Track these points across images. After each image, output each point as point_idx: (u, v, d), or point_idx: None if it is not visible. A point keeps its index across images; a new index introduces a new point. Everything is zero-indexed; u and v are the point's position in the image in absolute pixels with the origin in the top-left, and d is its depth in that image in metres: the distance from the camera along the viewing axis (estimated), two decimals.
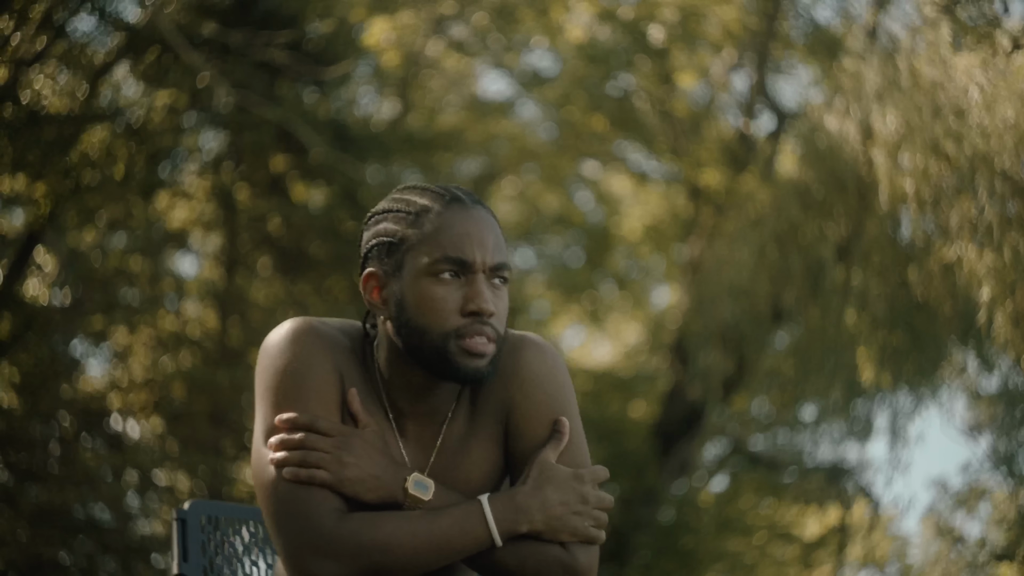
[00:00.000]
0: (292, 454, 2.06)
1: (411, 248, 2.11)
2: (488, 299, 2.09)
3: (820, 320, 8.20)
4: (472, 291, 2.09)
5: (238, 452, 9.64)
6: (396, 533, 2.03)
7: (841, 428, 9.08)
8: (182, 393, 9.43)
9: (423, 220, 2.12)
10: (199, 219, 9.82)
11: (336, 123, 9.76)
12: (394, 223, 2.15)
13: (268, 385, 2.12)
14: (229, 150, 9.65)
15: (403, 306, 2.11)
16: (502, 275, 2.12)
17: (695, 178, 11.61)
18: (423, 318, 2.09)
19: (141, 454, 9.04)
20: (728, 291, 8.80)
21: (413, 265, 2.11)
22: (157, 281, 9.64)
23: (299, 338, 2.13)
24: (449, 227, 2.10)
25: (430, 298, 2.09)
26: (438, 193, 2.15)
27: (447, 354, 2.08)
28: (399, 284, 2.12)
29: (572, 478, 2.10)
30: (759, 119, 11.56)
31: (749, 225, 9.10)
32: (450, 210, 2.12)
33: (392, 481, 2.08)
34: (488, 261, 2.11)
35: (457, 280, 2.10)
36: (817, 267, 8.07)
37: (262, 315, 9.94)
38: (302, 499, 2.04)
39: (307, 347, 2.13)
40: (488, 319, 2.09)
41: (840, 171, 7.75)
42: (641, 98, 11.60)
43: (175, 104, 8.87)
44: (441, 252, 2.09)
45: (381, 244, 2.16)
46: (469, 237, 2.10)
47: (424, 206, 2.13)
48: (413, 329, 2.09)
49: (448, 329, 2.08)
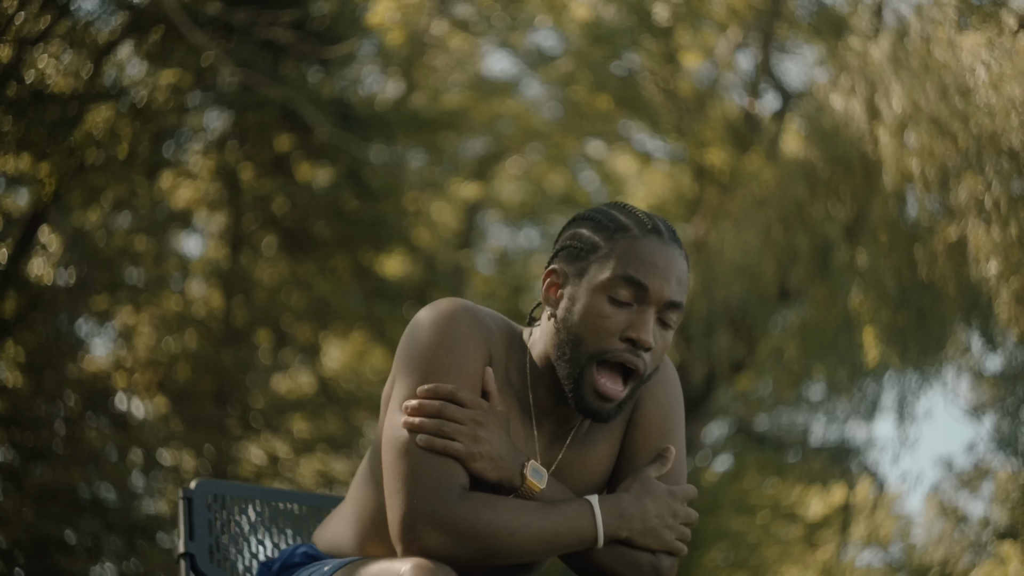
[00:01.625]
0: (429, 421, 2.07)
1: (599, 259, 2.13)
2: (651, 331, 2.11)
3: (826, 299, 8.20)
4: (639, 320, 2.11)
5: (243, 431, 9.65)
6: (512, 521, 2.05)
7: (846, 407, 9.08)
8: (187, 373, 9.44)
9: (619, 237, 2.14)
10: (203, 199, 9.81)
11: (340, 102, 9.74)
12: (591, 231, 2.17)
13: (417, 355, 2.12)
14: (233, 130, 9.63)
15: (572, 311, 2.13)
16: (672, 318, 2.15)
17: (700, 158, 11.58)
18: (584, 329, 2.11)
19: (146, 433, 9.05)
20: (733, 271, 8.79)
21: (595, 275, 2.13)
22: (162, 261, 9.64)
23: (456, 316, 2.15)
24: (640, 251, 2.13)
25: (598, 313, 2.11)
26: (641, 220, 2.17)
27: (580, 377, 2.11)
28: (576, 288, 2.14)
29: (668, 494, 2.17)
30: (764, 98, 11.53)
31: (754, 205, 9.08)
32: (647, 238, 2.14)
33: (513, 464, 2.11)
34: (665, 296, 2.12)
35: (629, 307, 2.11)
36: (823, 247, 8.06)
37: (267, 295, 9.94)
38: (432, 469, 2.06)
39: (463, 326, 2.14)
40: (643, 351, 2.11)
41: (846, 151, 7.74)
42: (646, 77, 11.56)
43: (179, 83, 8.85)
44: (623, 270, 2.11)
45: (573, 247, 2.18)
46: (655, 267, 2.12)
47: (624, 225, 2.15)
48: (572, 336, 2.12)
49: (600, 346, 2.10)
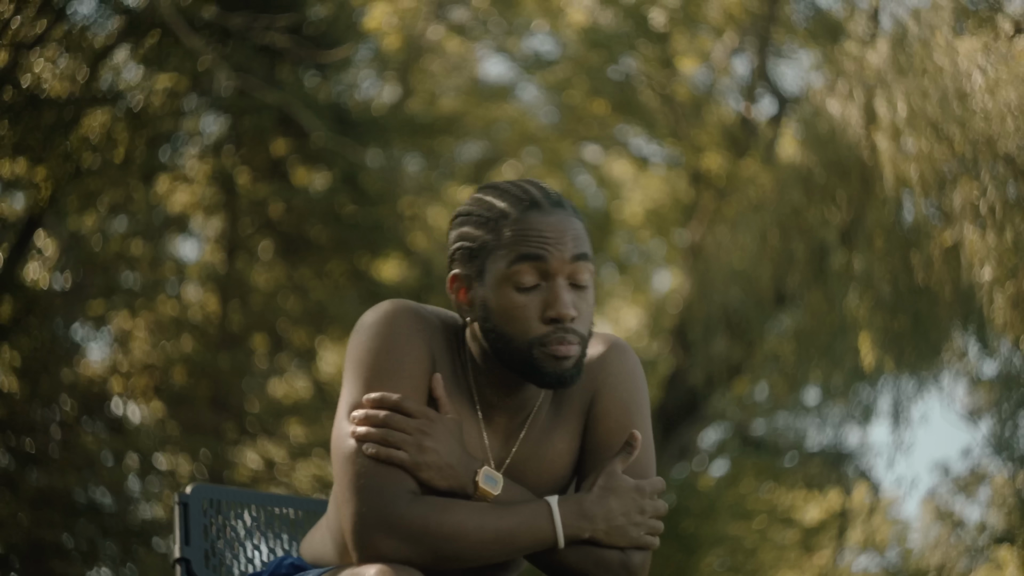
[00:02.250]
0: (374, 431, 2.07)
1: (490, 253, 2.13)
2: (568, 303, 2.11)
3: (822, 304, 8.19)
4: (552, 296, 2.11)
5: (239, 436, 9.64)
6: (465, 522, 2.05)
7: (842, 412, 9.07)
8: (183, 377, 9.42)
9: (501, 225, 2.13)
10: (200, 203, 9.81)
11: (337, 107, 9.74)
12: (475, 227, 2.16)
13: (360, 361, 2.13)
14: (230, 134, 9.62)
15: (487, 313, 2.13)
16: (583, 277, 2.14)
17: (696, 162, 11.58)
18: (507, 326, 2.11)
19: (142, 438, 9.04)
20: (729, 275, 8.79)
21: (493, 272, 2.12)
22: (158, 265, 9.63)
23: (397, 319, 2.14)
24: (525, 231, 2.12)
25: (511, 306, 2.10)
26: (517, 197, 2.15)
27: (532, 360, 2.10)
28: (482, 290, 2.14)
29: (634, 490, 2.14)
30: (760, 103, 11.53)
31: (750, 209, 9.08)
32: (527, 214, 2.13)
33: (464, 472, 2.10)
34: (565, 258, 2.11)
35: (537, 288, 2.11)
36: (819, 251, 8.06)
37: (263, 299, 9.93)
38: (379, 476, 2.05)
39: (404, 328, 2.14)
40: (570, 324, 2.11)
41: (842, 155, 7.74)
42: (642, 82, 11.56)
43: (175, 88, 8.85)
44: (516, 254, 2.10)
45: (464, 249, 2.17)
46: (545, 239, 2.11)
47: (502, 210, 2.14)
48: (499, 335, 2.12)
49: (531, 337, 2.10)
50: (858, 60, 7.78)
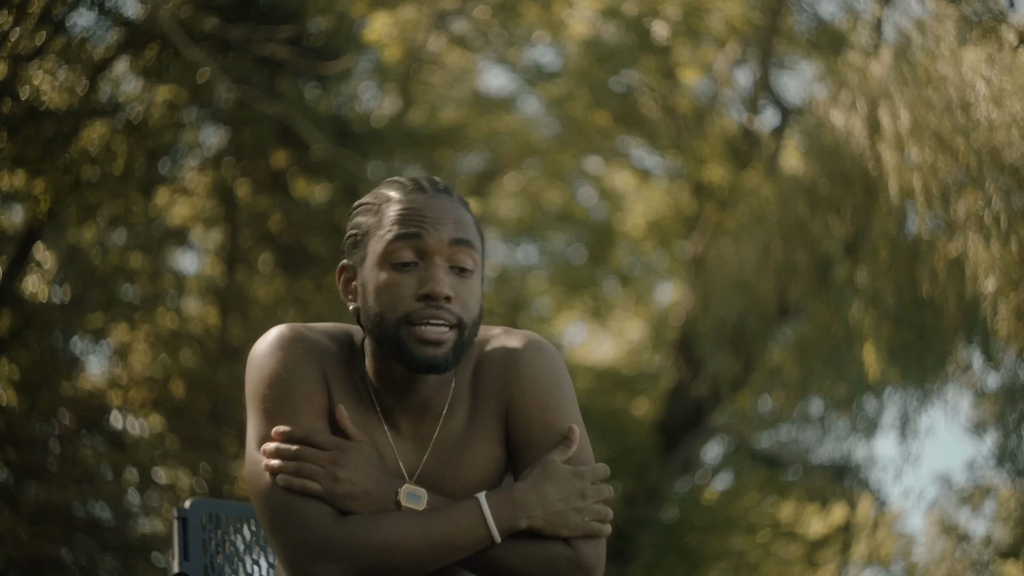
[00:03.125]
0: (287, 464, 2.06)
1: (372, 236, 2.13)
2: (443, 282, 2.08)
3: (825, 316, 8.18)
4: (426, 275, 2.09)
5: (239, 450, 9.61)
6: (393, 532, 2.02)
7: (846, 425, 9.05)
8: (182, 391, 9.41)
9: (384, 208, 2.13)
10: (199, 215, 9.80)
11: (337, 119, 9.74)
12: (362, 215, 2.17)
13: (256, 393, 2.13)
14: (229, 146, 9.62)
15: (366, 294, 2.12)
16: (465, 261, 2.11)
17: (698, 174, 11.58)
18: (380, 303, 2.09)
19: (141, 452, 9.02)
20: (732, 288, 8.78)
21: (373, 251, 2.12)
22: (157, 278, 9.62)
23: (284, 345, 2.13)
24: (405, 212, 2.11)
25: (386, 283, 2.09)
26: (404, 184, 2.16)
27: (400, 341, 2.07)
28: (364, 273, 2.13)
29: (571, 475, 2.08)
30: (763, 114, 11.53)
31: (753, 221, 9.08)
32: (410, 196, 2.13)
33: (385, 496, 2.08)
34: (444, 239, 2.10)
35: (415, 267, 2.09)
36: (823, 263, 8.06)
37: (263, 312, 9.92)
38: (296, 505, 2.04)
39: (292, 354, 2.12)
40: (443, 303, 2.07)
41: (845, 166, 7.73)
42: (644, 93, 11.57)
43: (175, 100, 8.85)
44: (394, 232, 2.09)
45: (351, 236, 2.17)
46: (424, 218, 2.10)
47: (387, 196, 2.14)
48: (373, 316, 2.10)
49: (401, 313, 2.07)
50: (861, 71, 7.78)
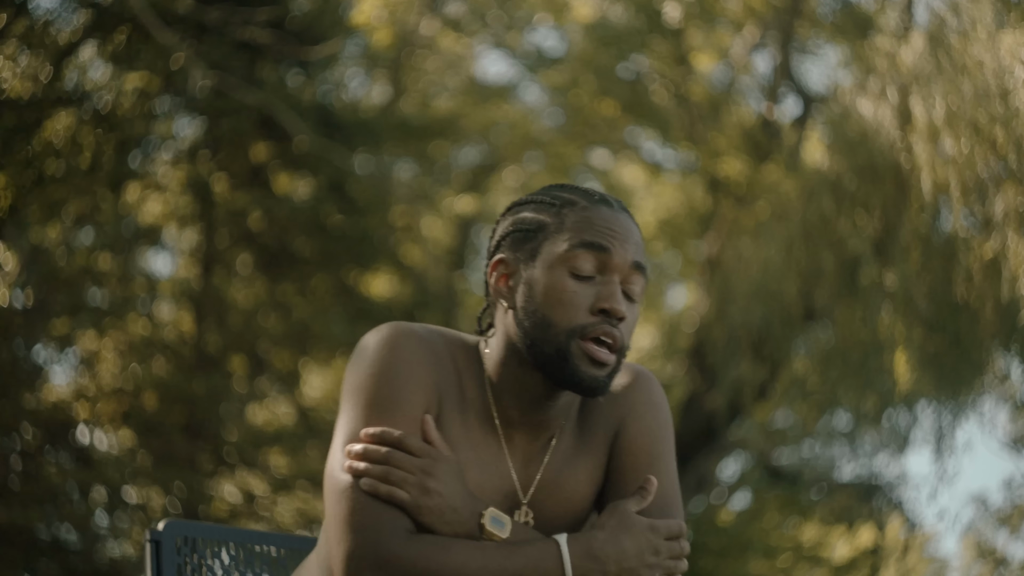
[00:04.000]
0: (375, 467, 2.08)
1: (549, 236, 2.17)
2: (621, 300, 2.15)
3: (853, 322, 8.19)
4: (606, 290, 2.15)
5: (216, 467, 9.61)
6: (468, 563, 2.05)
7: (875, 440, 9.06)
8: (155, 403, 9.40)
9: (567, 211, 2.18)
10: (173, 213, 9.80)
11: (322, 108, 9.74)
12: (535, 212, 2.20)
13: (359, 388, 2.14)
14: (206, 138, 9.62)
15: (532, 295, 2.16)
16: (636, 288, 2.18)
17: (714, 168, 11.58)
18: (551, 309, 2.14)
19: (110, 469, 9.01)
20: (752, 292, 8.79)
21: (550, 252, 2.16)
22: (127, 281, 9.62)
23: (396, 342, 2.16)
24: (593, 220, 2.17)
25: (562, 289, 2.14)
26: (586, 192, 2.21)
27: (568, 354, 2.13)
28: (531, 271, 2.17)
29: (648, 528, 2.14)
30: (784, 103, 11.54)
31: (774, 219, 9.08)
32: (597, 207, 2.18)
33: (470, 516, 2.11)
34: (628, 259, 2.16)
35: (593, 280, 2.15)
36: (850, 264, 8.06)
37: (242, 318, 9.92)
38: (373, 511, 2.06)
39: (407, 354, 2.15)
40: (618, 322, 2.14)
41: (874, 159, 7.74)
42: (654, 81, 11.58)
43: (147, 88, 8.85)
44: (580, 238, 2.14)
45: (518, 231, 2.21)
46: (613, 232, 2.16)
47: (569, 199, 2.19)
48: (538, 321, 2.14)
49: (575, 325, 2.13)
50: (890, 56, 7.78)
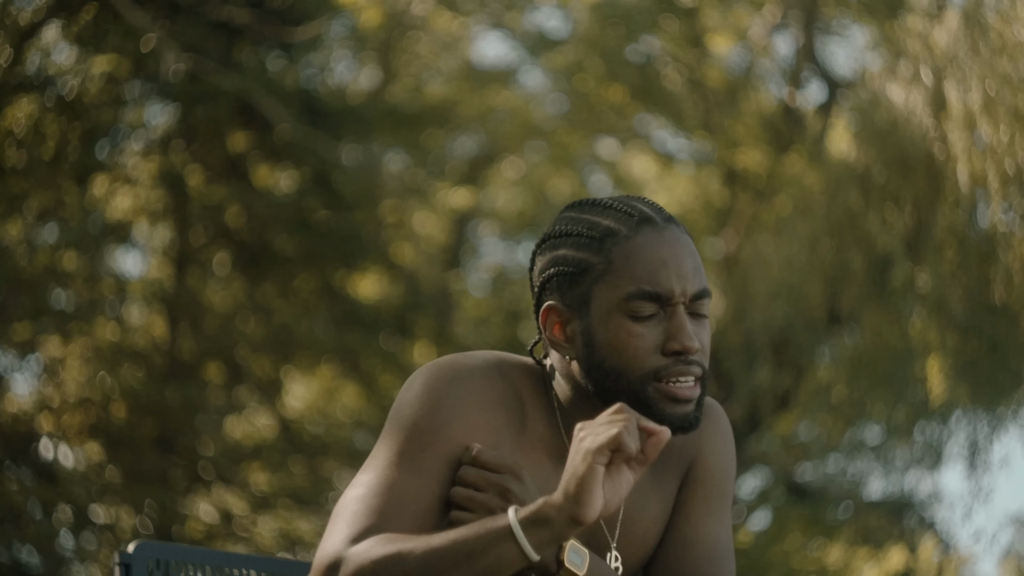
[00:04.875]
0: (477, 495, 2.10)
1: (598, 279, 2.12)
2: (692, 335, 2.11)
3: (882, 326, 8.19)
4: (673, 326, 2.11)
5: (191, 484, 9.61)
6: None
7: (906, 454, 9.06)
8: (124, 414, 9.40)
9: (610, 247, 2.13)
10: (144, 208, 9.80)
11: (306, 94, 9.74)
12: (575, 249, 2.15)
13: (403, 415, 2.14)
14: (179, 126, 9.62)
15: (593, 346, 2.13)
16: (703, 307, 2.15)
17: (731, 159, 11.59)
18: (618, 359, 2.11)
19: (76, 486, 9.01)
20: (772, 293, 8.79)
21: (603, 300, 2.12)
22: (95, 282, 9.62)
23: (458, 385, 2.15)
24: (641, 254, 2.12)
25: (626, 336, 2.11)
26: (624, 212, 2.15)
27: (648, 400, 2.10)
28: (587, 321, 2.14)
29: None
30: (807, 89, 11.54)
31: (796, 214, 9.08)
32: (640, 233, 2.13)
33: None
34: (688, 291, 2.12)
35: (655, 318, 2.12)
36: (879, 263, 8.06)
37: (219, 322, 9.92)
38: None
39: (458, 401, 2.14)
40: (693, 357, 2.11)
41: (905, 149, 7.74)
42: (667, 64, 11.58)
43: (115, 72, 8.85)
44: (635, 285, 2.10)
45: (562, 274, 2.16)
46: (665, 265, 2.12)
47: (609, 229, 2.14)
48: (607, 372, 2.12)
49: (647, 370, 2.10)
50: (923, 37, 7.78)
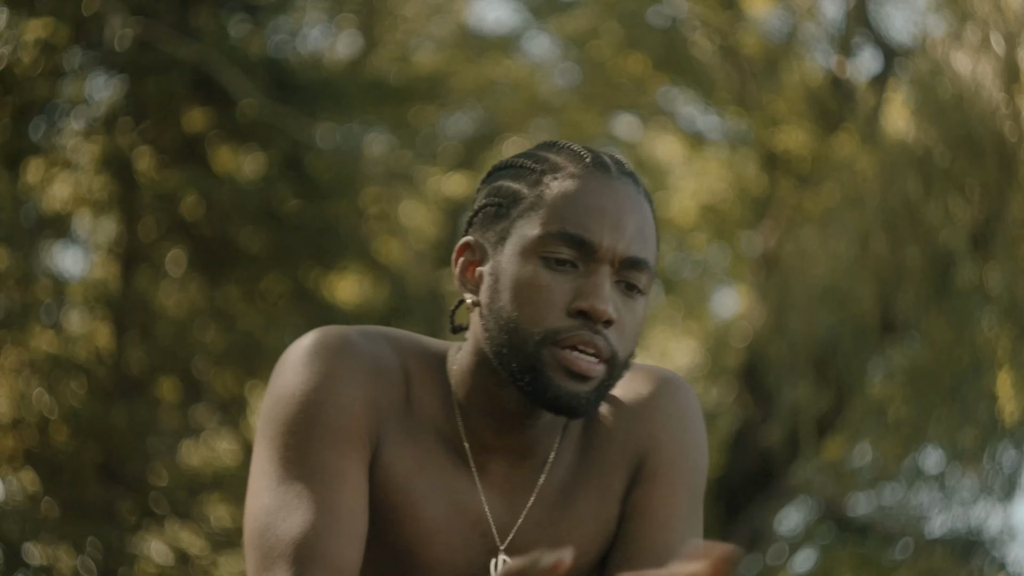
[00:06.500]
0: None
1: (523, 213, 2.10)
2: (608, 298, 2.06)
3: (945, 334, 8.19)
4: (589, 283, 2.07)
5: (139, 518, 9.60)
6: None
7: (974, 484, 9.05)
8: (64, 438, 9.40)
9: (548, 180, 2.11)
10: (86, 197, 9.80)
11: (274, 64, 9.74)
12: (512, 180, 2.14)
13: (272, 418, 2.13)
14: (127, 102, 9.62)
15: (497, 289, 2.10)
16: (638, 279, 2.11)
17: (770, 140, 11.59)
18: (516, 309, 2.07)
19: (7, 521, 9.02)
20: (818, 296, 8.80)
21: (520, 236, 2.09)
22: (28, 283, 9.62)
23: (322, 355, 2.13)
24: (579, 195, 2.09)
25: (530, 283, 2.07)
26: (578, 153, 2.14)
27: (538, 364, 2.05)
28: (499, 259, 2.11)
29: None
30: (858, 58, 11.55)
31: (846, 204, 9.09)
32: (587, 176, 2.12)
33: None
34: (620, 250, 2.08)
35: (574, 269, 2.08)
36: (941, 262, 8.07)
37: (173, 330, 9.91)
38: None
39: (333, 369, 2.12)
40: (603, 327, 2.06)
41: (972, 129, 7.75)
42: (695, 30, 11.59)
43: (52, 39, 8.84)
44: (558, 225, 2.07)
45: (490, 206, 2.15)
46: (602, 213, 2.09)
47: (555, 163, 2.13)
48: (502, 322, 2.08)
49: (545, 329, 2.06)
50: None
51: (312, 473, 2.08)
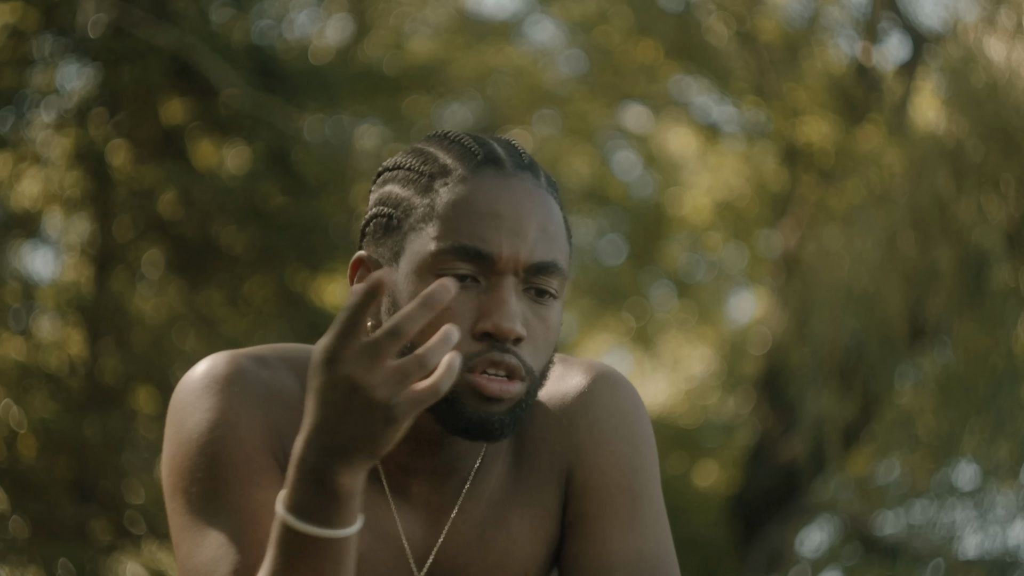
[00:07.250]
0: None
1: (415, 226, 2.07)
2: (514, 315, 2.02)
3: (980, 341, 8.19)
4: (491, 300, 2.03)
5: (114, 538, 9.61)
6: None
7: (1010, 501, 9.05)
8: (33, 452, 9.41)
9: (438, 188, 2.07)
10: (57, 195, 9.81)
11: (259, 52, 9.75)
12: (402, 186, 2.11)
13: (174, 460, 2.09)
14: (101, 92, 9.63)
15: (393, 313, 2.07)
16: (547, 283, 2.07)
17: (791, 132, 11.59)
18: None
19: None
20: (843, 300, 8.80)
21: (413, 253, 2.06)
22: None
23: (217, 386, 2.10)
24: (472, 202, 2.05)
25: None
26: (469, 149, 2.09)
27: (449, 392, 1.98)
28: (394, 278, 2.07)
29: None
30: (885, 44, 11.54)
31: (872, 201, 9.08)
32: (479, 176, 2.07)
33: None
34: (523, 257, 2.04)
35: (476, 284, 2.04)
36: (975, 263, 8.06)
37: (150, 336, 9.92)
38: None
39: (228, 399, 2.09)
40: (512, 345, 2.03)
41: (1007, 120, 7.75)
42: (710, 14, 11.59)
43: (20, 24, 8.85)
44: (452, 239, 2.04)
45: (382, 216, 2.12)
46: (499, 219, 2.04)
47: (444, 167, 2.08)
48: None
49: None
50: None
51: (231, 515, 2.04)
